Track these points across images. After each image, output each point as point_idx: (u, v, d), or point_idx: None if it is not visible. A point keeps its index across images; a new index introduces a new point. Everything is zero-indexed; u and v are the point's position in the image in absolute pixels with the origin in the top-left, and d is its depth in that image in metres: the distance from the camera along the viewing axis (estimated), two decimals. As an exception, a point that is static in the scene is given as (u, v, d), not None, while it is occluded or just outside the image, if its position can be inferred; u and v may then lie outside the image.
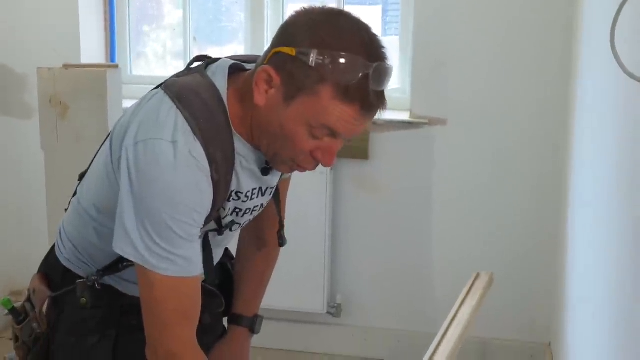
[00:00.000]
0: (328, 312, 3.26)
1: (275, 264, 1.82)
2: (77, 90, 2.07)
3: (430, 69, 3.07)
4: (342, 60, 1.25)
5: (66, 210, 1.58)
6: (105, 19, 3.43)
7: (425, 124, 3.09)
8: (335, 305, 3.27)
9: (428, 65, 3.07)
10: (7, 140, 3.37)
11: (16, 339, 1.54)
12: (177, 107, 1.31)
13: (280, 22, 3.43)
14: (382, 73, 1.28)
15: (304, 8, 1.34)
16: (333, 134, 1.31)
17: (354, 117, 1.29)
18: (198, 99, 1.32)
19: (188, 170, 1.28)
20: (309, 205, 3.08)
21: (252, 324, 1.79)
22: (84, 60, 3.21)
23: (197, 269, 1.36)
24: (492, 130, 3.07)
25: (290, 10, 3.37)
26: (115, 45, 3.46)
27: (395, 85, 3.26)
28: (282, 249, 3.02)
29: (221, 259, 1.69)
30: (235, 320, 1.77)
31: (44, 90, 2.12)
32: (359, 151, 3.10)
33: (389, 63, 1.30)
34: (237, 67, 1.41)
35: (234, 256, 1.78)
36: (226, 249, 1.71)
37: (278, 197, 1.59)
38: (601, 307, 1.84)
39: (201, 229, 1.36)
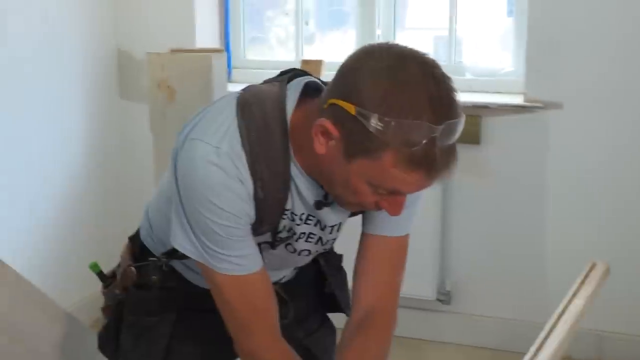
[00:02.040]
0: (438, 299, 3.21)
1: (388, 344, 1.54)
2: (184, 75, 2.12)
3: (546, 50, 2.96)
4: (405, 127, 1.14)
5: None
6: (220, 4, 3.49)
7: (540, 108, 2.98)
8: (445, 292, 3.22)
9: (543, 46, 2.96)
10: (126, 124, 3.49)
11: (104, 301, 1.60)
12: (236, 115, 1.27)
13: (392, 7, 3.42)
14: (451, 132, 1.17)
15: (366, 50, 1.22)
16: (397, 193, 1.23)
17: (420, 181, 1.20)
18: (259, 111, 1.27)
19: (225, 176, 1.24)
20: (418, 190, 3.04)
21: None
22: (199, 45, 3.28)
23: (256, 264, 1.34)
24: (612, 115, 2.93)
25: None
26: (230, 30, 3.52)
27: (509, 67, 3.17)
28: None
29: (320, 261, 1.61)
30: None
31: (153, 75, 2.18)
32: (470, 136, 3.03)
33: (458, 118, 1.18)
34: (316, 87, 1.32)
35: (333, 251, 1.66)
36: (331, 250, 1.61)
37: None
38: None
39: (256, 237, 1.33)
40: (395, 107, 1.14)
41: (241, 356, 1.40)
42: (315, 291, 1.68)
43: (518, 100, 3.03)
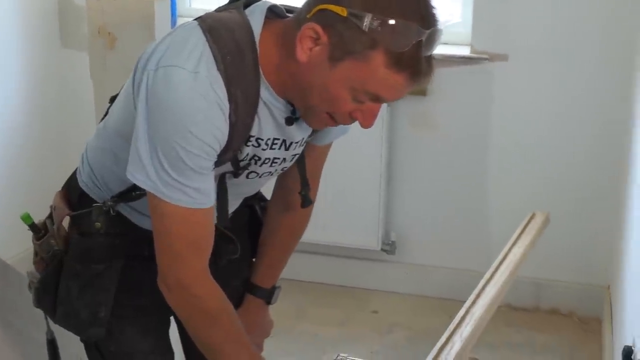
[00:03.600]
0: (382, 249, 3.25)
1: (300, 235, 1.73)
2: (125, 21, 2.07)
3: (493, 2, 2.97)
4: (397, 27, 1.20)
5: None
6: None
7: (486, 59, 3.01)
8: (390, 242, 3.26)
9: (490, -1, 2.98)
10: (68, 73, 3.41)
11: (35, 254, 1.56)
12: (207, 39, 1.27)
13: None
14: (434, 40, 1.23)
15: None
16: (377, 99, 1.28)
17: (403, 85, 1.24)
18: (229, 36, 1.28)
19: (205, 102, 1.25)
20: (364, 142, 3.05)
21: (269, 296, 1.73)
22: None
23: (209, 201, 1.34)
24: (555, 68, 2.97)
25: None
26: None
27: (456, 19, 3.17)
28: (337, 185, 3.07)
29: (249, 201, 1.66)
30: (251, 290, 1.72)
31: (92, 21, 2.12)
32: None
33: (440, 27, 1.25)
34: (277, 12, 1.36)
35: (266, 198, 1.73)
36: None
37: (303, 160, 1.53)
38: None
39: (216, 167, 1.34)
40: (387, 8, 1.21)
41: (166, 288, 1.38)
42: (246, 235, 1.70)
43: (465, 51, 3.04)
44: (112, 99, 1.52)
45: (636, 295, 2.14)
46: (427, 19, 1.23)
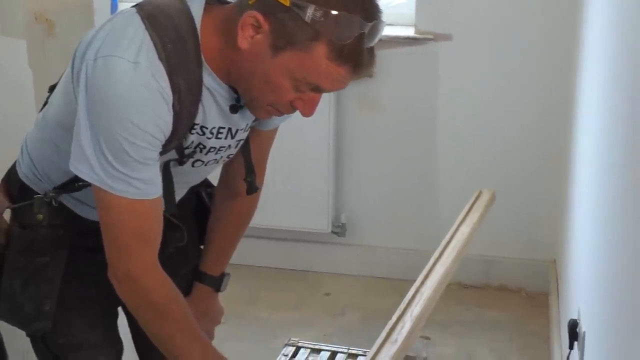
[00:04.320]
0: (333, 232, 3.26)
1: (249, 221, 1.72)
2: (63, 6, 2.03)
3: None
4: (339, 19, 1.20)
5: None
6: None
7: (431, 39, 3.02)
8: (340, 224, 3.26)
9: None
10: (5, 61, 3.31)
11: None
12: (146, 28, 1.25)
13: None
14: (376, 32, 1.24)
15: None
16: (318, 89, 1.28)
17: (344, 77, 1.26)
18: (170, 23, 1.27)
19: (146, 93, 1.23)
20: (312, 125, 3.01)
21: (218, 284, 1.72)
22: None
23: (155, 191, 1.33)
24: (500, 46, 3.00)
25: None
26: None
27: (400, 0, 3.18)
28: (286, 168, 3.06)
29: (196, 187, 1.64)
30: (200, 278, 1.70)
31: (29, 6, 2.08)
32: (363, 68, 3.04)
33: (383, 19, 1.26)
34: None
35: (212, 184, 1.72)
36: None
37: (248, 146, 1.52)
38: (604, 225, 1.82)
39: (161, 155, 1.32)
40: (331, 0, 1.20)
41: (116, 281, 1.37)
42: (194, 223, 1.69)
43: (409, 32, 3.05)
44: (52, 88, 1.48)
45: (580, 269, 2.18)
46: (369, 12, 1.23)
